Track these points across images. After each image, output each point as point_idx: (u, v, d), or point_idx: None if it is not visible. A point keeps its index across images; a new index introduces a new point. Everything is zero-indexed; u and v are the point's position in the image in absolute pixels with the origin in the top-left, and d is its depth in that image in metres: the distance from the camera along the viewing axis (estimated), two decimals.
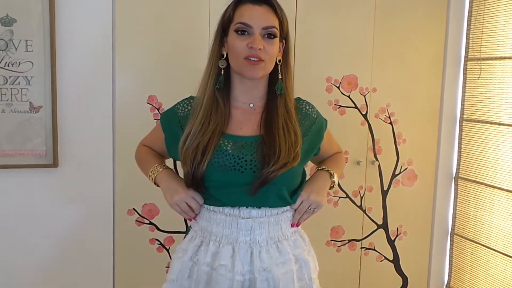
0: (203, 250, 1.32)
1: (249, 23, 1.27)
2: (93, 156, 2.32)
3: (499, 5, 2.72)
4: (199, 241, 1.35)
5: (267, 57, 1.28)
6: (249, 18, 1.27)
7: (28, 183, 2.26)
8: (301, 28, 2.58)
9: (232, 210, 1.31)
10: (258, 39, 1.26)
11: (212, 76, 1.33)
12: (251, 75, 1.28)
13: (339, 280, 2.84)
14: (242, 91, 1.35)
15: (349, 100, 2.73)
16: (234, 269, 1.27)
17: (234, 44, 1.28)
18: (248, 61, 1.26)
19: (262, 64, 1.27)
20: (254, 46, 1.25)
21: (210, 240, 1.32)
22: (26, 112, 2.20)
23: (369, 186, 2.84)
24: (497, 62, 2.75)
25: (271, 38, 1.28)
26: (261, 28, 1.27)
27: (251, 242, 1.29)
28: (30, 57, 2.17)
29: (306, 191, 1.37)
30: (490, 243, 2.79)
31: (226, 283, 1.27)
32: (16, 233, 2.27)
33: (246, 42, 1.26)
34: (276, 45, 1.30)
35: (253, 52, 1.25)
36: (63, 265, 2.34)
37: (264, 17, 1.28)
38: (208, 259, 1.30)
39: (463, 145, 2.96)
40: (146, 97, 2.37)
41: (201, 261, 1.31)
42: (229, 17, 1.31)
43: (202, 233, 1.35)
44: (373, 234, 2.89)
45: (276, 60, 1.33)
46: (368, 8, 2.71)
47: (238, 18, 1.29)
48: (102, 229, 2.38)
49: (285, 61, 1.37)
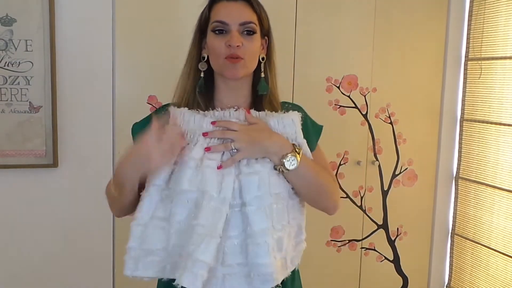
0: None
1: (225, 20, 1.20)
2: (93, 156, 2.32)
3: (499, 5, 2.72)
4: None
5: (247, 54, 1.20)
6: (225, 15, 1.20)
7: (28, 183, 2.26)
8: (301, 28, 2.58)
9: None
10: (235, 36, 1.18)
11: (190, 79, 1.26)
12: (231, 75, 1.20)
13: (339, 280, 2.84)
14: (226, 93, 1.26)
15: (349, 100, 2.73)
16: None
17: (213, 45, 1.21)
18: (229, 60, 1.19)
19: (241, 62, 1.19)
20: (232, 44, 1.17)
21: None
22: (26, 112, 2.19)
23: (369, 186, 2.84)
24: (498, 62, 2.74)
25: (250, 34, 1.20)
26: (238, 24, 1.19)
27: None
28: (30, 57, 2.17)
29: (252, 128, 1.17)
30: (490, 243, 2.79)
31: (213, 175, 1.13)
32: (16, 233, 2.27)
33: (224, 41, 1.19)
34: (256, 42, 1.22)
35: (232, 50, 1.18)
36: (63, 265, 2.34)
37: (240, 12, 1.21)
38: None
39: (464, 145, 2.96)
40: (146, 97, 2.36)
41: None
42: (206, 17, 1.25)
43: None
44: (373, 234, 2.88)
45: (260, 58, 1.25)
46: (368, 8, 2.70)
47: (214, 16, 1.22)
48: (102, 229, 2.37)
49: (269, 59, 1.29)
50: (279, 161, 1.15)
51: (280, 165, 1.15)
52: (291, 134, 1.21)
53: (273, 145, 1.15)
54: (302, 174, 1.18)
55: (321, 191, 1.24)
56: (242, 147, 1.14)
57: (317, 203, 1.27)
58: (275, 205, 1.13)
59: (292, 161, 1.15)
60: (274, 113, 1.24)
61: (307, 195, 1.23)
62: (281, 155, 1.15)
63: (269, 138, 1.16)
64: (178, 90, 1.28)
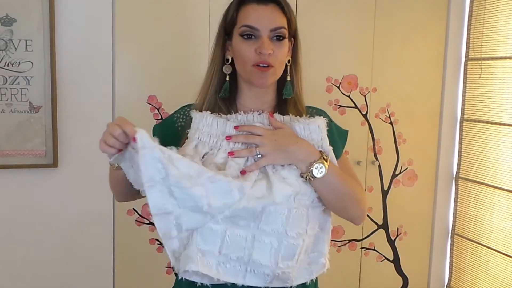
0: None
1: (256, 26, 1.14)
2: (93, 156, 2.31)
3: (500, 5, 2.72)
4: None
5: (277, 61, 1.16)
6: (256, 20, 1.14)
7: (28, 183, 2.26)
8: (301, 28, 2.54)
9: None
10: (266, 43, 1.13)
11: (213, 83, 1.21)
12: (260, 84, 1.16)
13: (339, 280, 2.84)
14: (250, 97, 1.22)
15: (349, 100, 2.73)
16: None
17: (241, 50, 1.15)
18: (257, 68, 1.14)
19: (271, 70, 1.15)
20: (263, 52, 1.12)
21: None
22: (26, 112, 2.19)
23: (369, 186, 2.84)
24: (498, 62, 2.74)
25: (280, 40, 1.16)
26: (269, 30, 1.14)
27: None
28: (29, 57, 2.17)
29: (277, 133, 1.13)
30: (490, 243, 2.79)
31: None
32: (16, 233, 2.27)
33: (254, 47, 1.14)
34: (285, 47, 1.19)
35: (262, 58, 1.13)
36: (63, 265, 2.34)
37: (271, 17, 1.15)
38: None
39: (464, 145, 2.96)
40: (146, 97, 2.37)
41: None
42: (232, 19, 1.18)
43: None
44: (373, 234, 2.88)
45: (286, 60, 1.21)
46: (368, 8, 2.70)
47: (242, 20, 1.16)
48: (102, 229, 2.37)
49: (294, 62, 1.25)
50: (306, 168, 1.09)
51: (307, 172, 1.09)
52: (317, 141, 1.16)
53: (301, 152, 1.10)
54: (330, 182, 1.12)
55: (348, 199, 1.17)
56: (267, 153, 1.09)
57: (344, 211, 1.20)
58: (295, 210, 1.08)
59: (320, 169, 1.09)
60: (300, 118, 1.19)
61: (334, 204, 1.16)
62: (309, 163, 1.09)
63: (296, 144, 1.11)
64: (201, 92, 1.23)
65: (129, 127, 1.00)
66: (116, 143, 1.02)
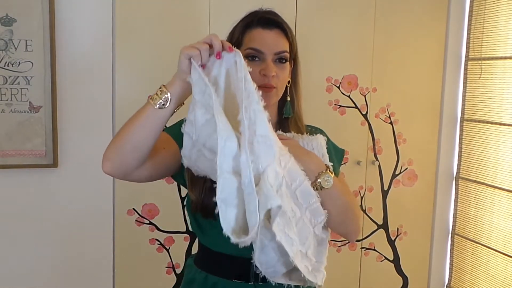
0: None
1: (261, 49, 1.21)
2: (93, 156, 2.31)
3: (500, 5, 2.72)
4: None
5: (280, 83, 1.23)
6: (261, 44, 1.21)
7: (28, 183, 2.26)
8: (301, 28, 2.57)
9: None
10: (270, 66, 1.20)
11: None
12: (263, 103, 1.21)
13: (339, 280, 2.84)
14: None
15: (349, 100, 2.73)
16: None
17: None
18: (261, 89, 1.14)
19: (274, 91, 1.22)
20: (267, 74, 1.19)
21: None
22: (26, 112, 2.19)
23: (369, 186, 2.84)
24: (498, 62, 2.74)
25: (282, 62, 1.23)
26: (273, 53, 1.21)
27: None
28: (30, 57, 2.17)
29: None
30: (490, 243, 2.79)
31: None
32: (16, 233, 2.27)
33: (259, 69, 1.20)
34: (287, 69, 1.26)
35: (266, 80, 1.20)
36: (63, 265, 2.34)
37: (275, 41, 1.22)
38: None
39: (464, 145, 2.96)
40: (146, 97, 2.35)
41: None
42: (238, 41, 1.24)
43: None
44: (373, 234, 2.88)
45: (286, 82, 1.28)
46: (368, 8, 2.70)
47: (248, 43, 1.22)
48: (102, 229, 2.37)
49: (295, 83, 1.32)
50: (314, 178, 1.13)
51: (315, 182, 1.13)
52: (319, 157, 1.20)
53: (311, 162, 1.14)
54: (334, 194, 1.16)
55: (348, 213, 1.21)
56: None
57: (343, 225, 1.23)
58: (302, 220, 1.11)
59: (328, 180, 1.13)
60: (301, 135, 1.24)
61: (334, 217, 1.19)
62: (317, 173, 1.13)
63: (306, 155, 1.16)
64: None
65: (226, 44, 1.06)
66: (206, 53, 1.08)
